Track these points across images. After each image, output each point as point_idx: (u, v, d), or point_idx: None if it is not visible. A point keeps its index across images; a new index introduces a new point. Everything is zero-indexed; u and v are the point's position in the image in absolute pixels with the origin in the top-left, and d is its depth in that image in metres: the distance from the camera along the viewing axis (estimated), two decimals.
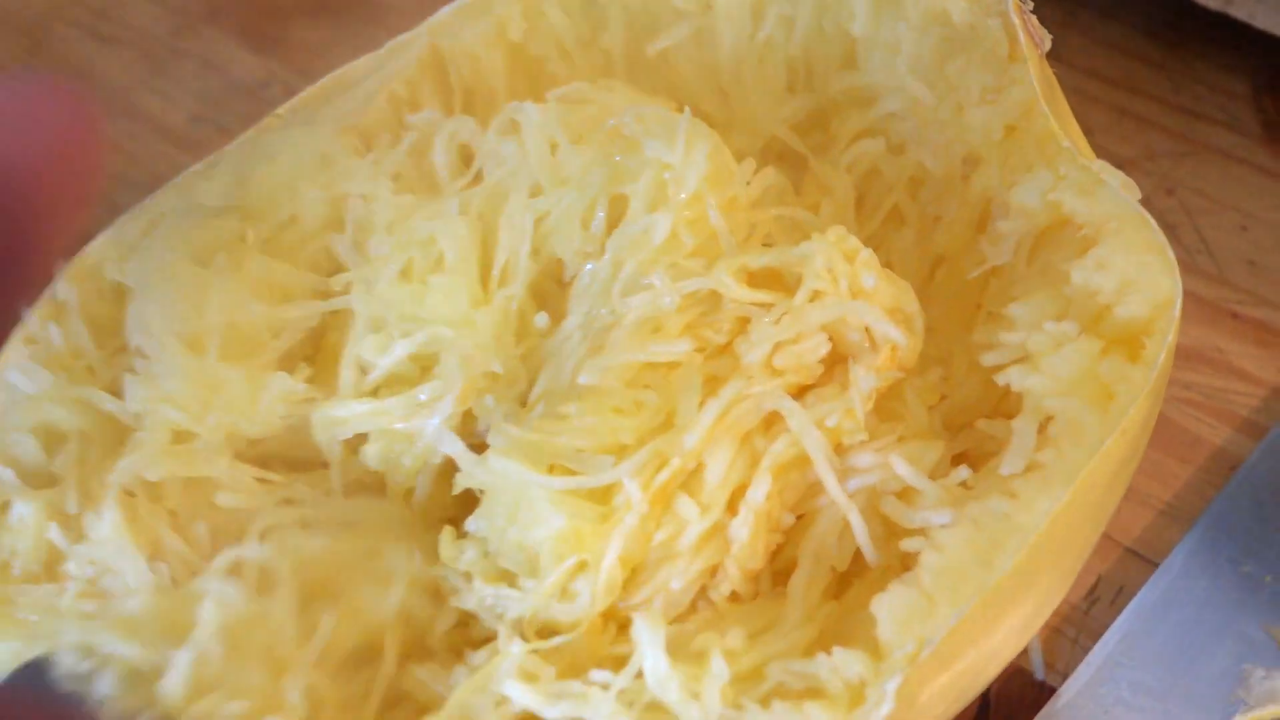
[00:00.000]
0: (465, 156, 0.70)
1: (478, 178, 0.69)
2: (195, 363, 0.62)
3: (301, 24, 1.04)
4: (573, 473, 0.59)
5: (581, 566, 0.58)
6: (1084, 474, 0.54)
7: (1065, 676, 0.67)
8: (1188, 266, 0.81)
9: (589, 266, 0.66)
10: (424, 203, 0.67)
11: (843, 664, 0.53)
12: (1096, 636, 0.68)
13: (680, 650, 0.56)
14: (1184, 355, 0.77)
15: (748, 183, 0.68)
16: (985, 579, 0.53)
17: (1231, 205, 0.84)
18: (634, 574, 0.59)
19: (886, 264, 0.66)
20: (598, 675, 0.56)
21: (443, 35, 0.72)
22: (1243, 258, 0.81)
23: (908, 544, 0.55)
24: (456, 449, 0.60)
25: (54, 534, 0.59)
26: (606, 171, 0.66)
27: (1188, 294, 0.80)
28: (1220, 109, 0.88)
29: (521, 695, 0.55)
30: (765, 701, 0.54)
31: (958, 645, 0.53)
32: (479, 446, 0.61)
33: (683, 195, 0.63)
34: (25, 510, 0.59)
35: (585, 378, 0.61)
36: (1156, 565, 0.70)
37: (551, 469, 0.59)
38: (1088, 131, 0.86)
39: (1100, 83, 0.90)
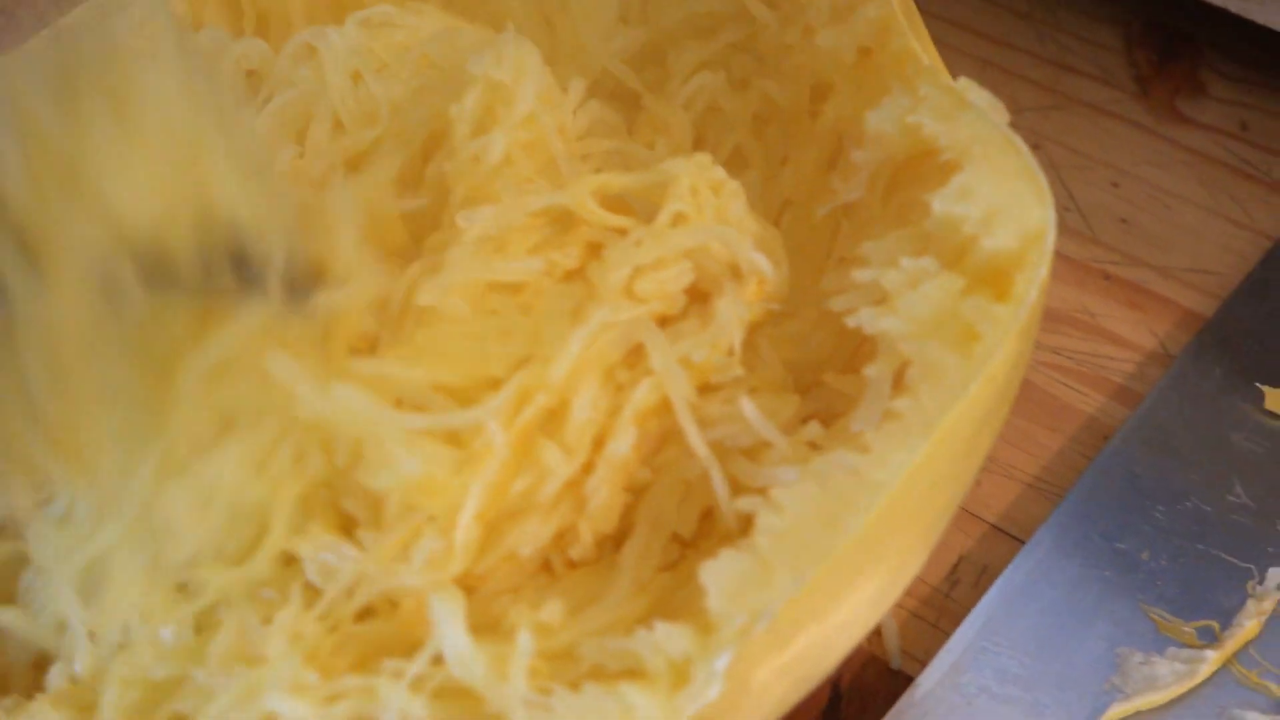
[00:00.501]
0: (254, 85, 0.61)
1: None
2: None
3: None
4: (423, 409, 0.54)
5: (430, 522, 0.50)
6: (945, 423, 0.50)
7: (924, 664, 0.65)
8: (1058, 225, 0.75)
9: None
10: None
11: (665, 640, 0.47)
12: (958, 621, 0.65)
13: (490, 627, 0.48)
14: (1052, 318, 0.72)
15: (574, 112, 0.60)
16: (830, 543, 0.48)
17: (1102, 161, 0.80)
18: (487, 535, 0.54)
19: None
20: (390, 665, 0.48)
21: None
22: (1114, 215, 0.77)
23: (743, 503, 0.47)
24: (285, 371, 0.52)
25: None
26: (423, 109, 0.58)
27: (1056, 254, 0.74)
28: (1090, 61, 0.84)
29: (292, 710, 0.49)
30: (578, 683, 0.46)
31: (798, 619, 0.48)
32: None
33: (517, 115, 0.55)
34: None
35: (425, 297, 0.56)
36: (1023, 544, 0.63)
37: (398, 404, 0.53)
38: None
39: (963, 33, 0.86)
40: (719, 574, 0.48)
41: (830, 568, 0.48)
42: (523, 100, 0.59)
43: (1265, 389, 0.70)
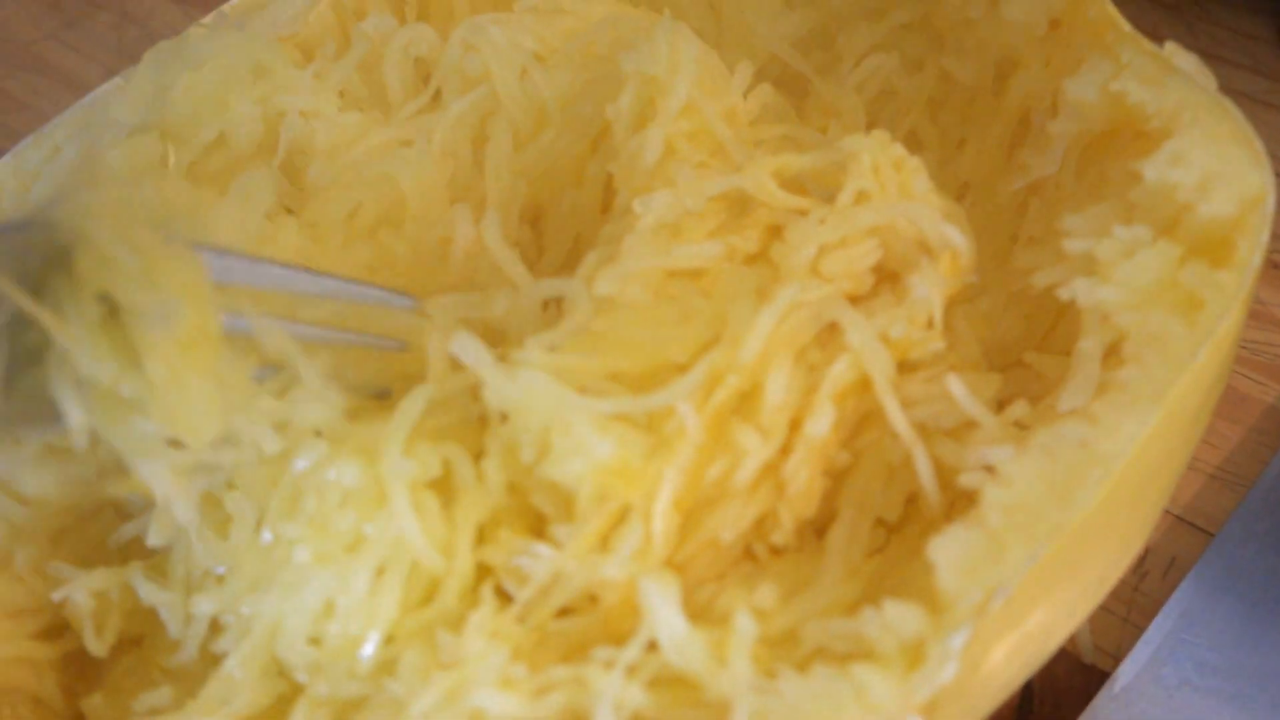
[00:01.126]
0: (422, 72, 0.60)
1: (437, 98, 0.58)
2: None
3: None
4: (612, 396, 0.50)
5: (623, 512, 0.47)
6: (1175, 391, 0.46)
7: (1117, 659, 0.60)
8: None
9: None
10: (373, 124, 0.57)
11: (896, 619, 0.44)
12: (1149, 614, 0.61)
13: (700, 615, 0.46)
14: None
15: (745, 96, 0.58)
16: (1065, 517, 0.45)
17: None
18: (685, 521, 0.51)
19: None
20: (601, 653, 0.45)
21: None
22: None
23: (967, 478, 0.46)
24: (476, 356, 0.50)
25: None
26: (589, 106, 0.56)
27: None
28: (1243, 52, 0.81)
29: (501, 706, 0.46)
30: (804, 666, 0.43)
31: (1033, 596, 0.46)
32: None
33: (674, 106, 0.53)
34: None
35: (603, 286, 0.52)
36: (1210, 535, 0.62)
37: (589, 391, 0.50)
38: None
39: None
40: (949, 550, 0.45)
41: (1065, 542, 0.45)
42: (678, 92, 0.56)
43: None
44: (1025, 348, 0.56)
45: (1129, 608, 0.62)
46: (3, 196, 0.59)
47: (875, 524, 0.52)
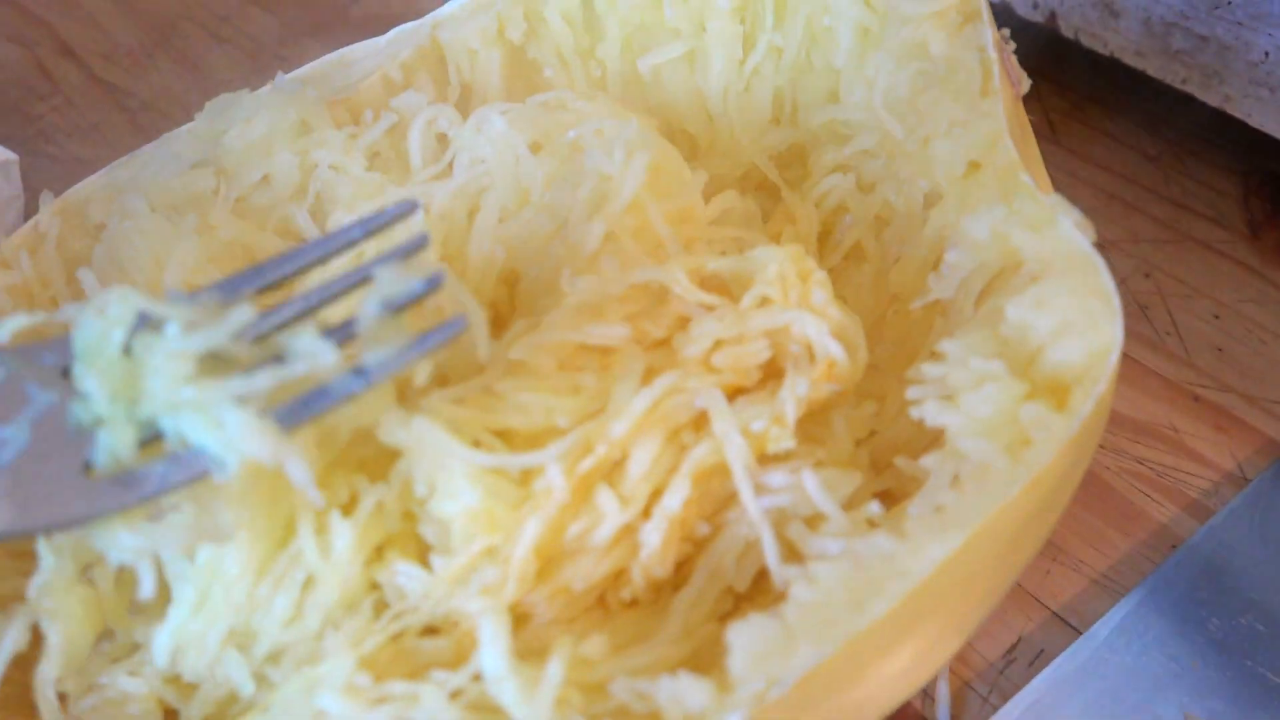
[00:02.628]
0: (443, 145, 0.54)
1: (449, 168, 0.53)
2: None
3: None
4: (497, 450, 0.44)
5: (491, 552, 0.41)
6: (982, 523, 0.38)
7: None
8: (1156, 346, 0.64)
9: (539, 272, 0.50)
10: (389, 184, 0.52)
11: (685, 691, 0.37)
12: (1009, 697, 0.50)
13: (538, 653, 0.40)
14: (1139, 430, 0.60)
15: (706, 200, 0.51)
16: (854, 623, 0.37)
17: (1207, 293, 0.67)
18: (543, 568, 0.44)
19: (842, 298, 0.49)
20: (438, 675, 0.39)
21: (445, 28, 0.58)
22: (1211, 344, 0.64)
23: (783, 572, 0.38)
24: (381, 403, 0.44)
25: None
26: (563, 193, 0.50)
27: (1152, 373, 0.63)
28: (1208, 204, 0.71)
29: (340, 709, 0.39)
30: (597, 717, 0.36)
31: (813, 691, 0.38)
32: None
33: (618, 204, 0.47)
34: None
35: (517, 352, 0.47)
36: (1081, 634, 0.52)
37: (477, 444, 0.44)
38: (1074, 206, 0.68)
39: (1094, 168, 0.74)
40: (745, 636, 0.38)
41: (851, 647, 0.37)
42: (623, 192, 0.50)
43: None
44: (911, 450, 0.48)
45: (991, 689, 0.54)
46: (90, 206, 0.55)
47: (725, 592, 0.45)
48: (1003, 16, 0.76)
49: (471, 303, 0.46)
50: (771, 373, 0.47)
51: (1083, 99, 0.80)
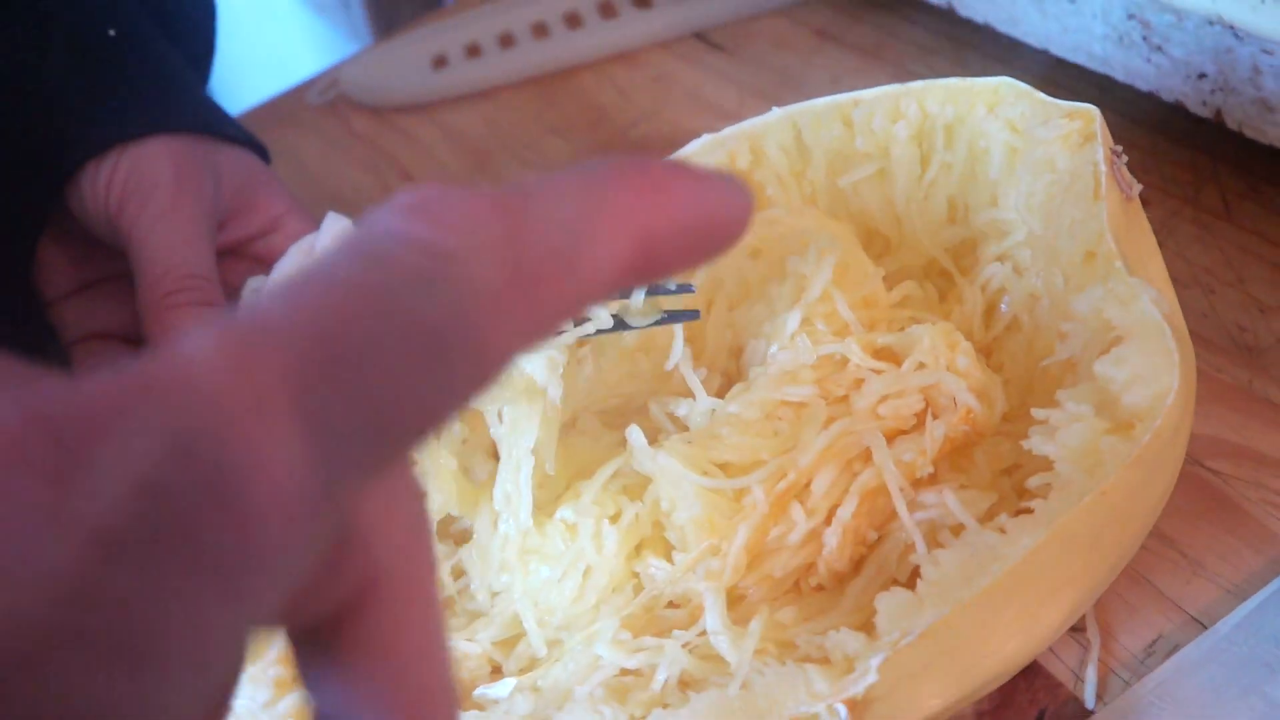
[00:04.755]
0: None
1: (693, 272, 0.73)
2: None
3: None
4: (717, 476, 0.63)
5: (714, 549, 0.60)
6: (1060, 522, 0.54)
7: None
8: (1253, 360, 0.77)
9: (758, 345, 0.69)
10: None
11: (845, 640, 0.55)
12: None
13: (744, 620, 0.58)
14: (1271, 465, 0.72)
15: (889, 289, 0.69)
16: (964, 592, 0.53)
17: None
18: (752, 561, 0.61)
19: (999, 364, 0.66)
20: (677, 634, 0.58)
21: (691, 158, 0.77)
22: None
23: (916, 558, 0.55)
24: (639, 442, 0.64)
25: None
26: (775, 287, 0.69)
27: (1254, 394, 0.76)
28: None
29: (610, 655, 0.58)
30: (785, 661, 0.55)
31: (935, 642, 0.54)
32: None
33: (811, 296, 0.65)
34: None
35: (734, 407, 0.65)
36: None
37: (704, 473, 0.62)
38: (1241, 280, 0.82)
39: (1268, 244, 0.86)
40: (887, 602, 0.56)
41: (960, 610, 0.54)
42: (816, 286, 0.67)
43: None
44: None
45: (1133, 675, 0.68)
46: None
47: (889, 581, 0.62)
48: (1177, 113, 0.90)
49: (694, 379, 0.66)
50: (924, 420, 0.64)
51: (1259, 180, 0.93)
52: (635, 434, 0.63)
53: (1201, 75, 0.88)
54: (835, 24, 1.23)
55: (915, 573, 0.62)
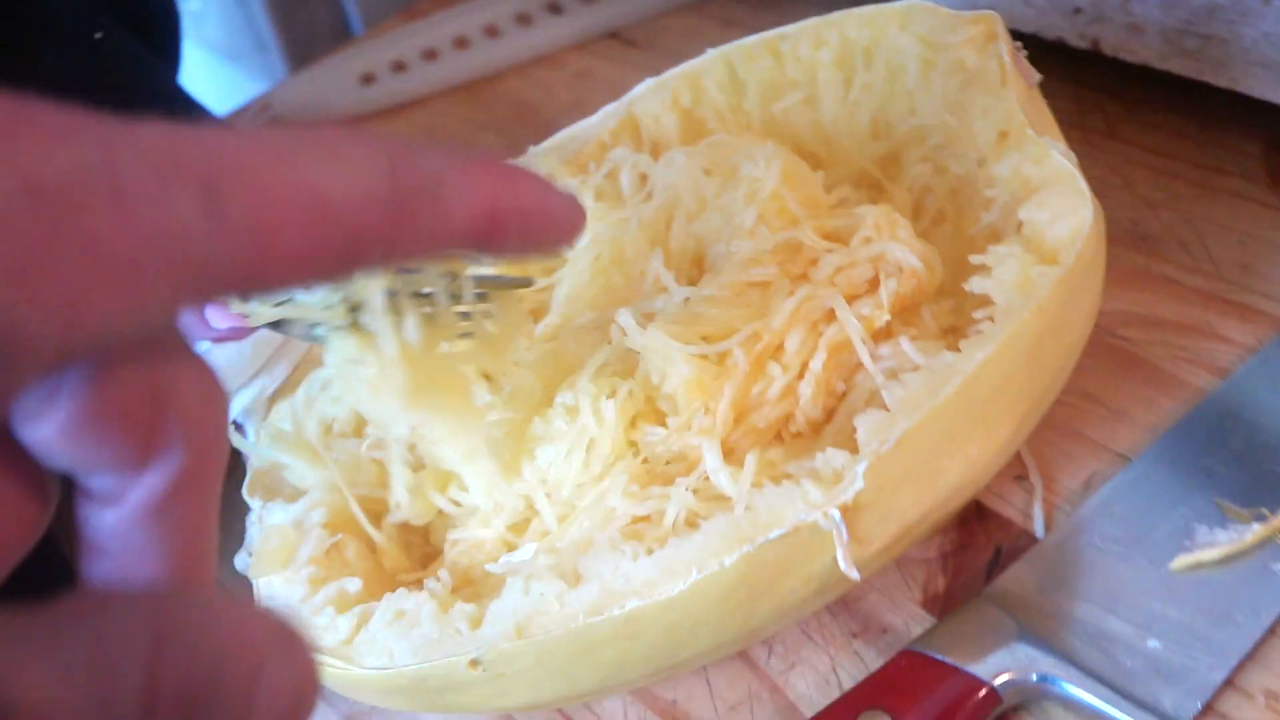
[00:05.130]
0: (643, 180, 0.82)
1: (649, 194, 0.81)
2: None
3: None
4: (700, 345, 0.72)
5: (704, 408, 0.68)
6: (1006, 335, 0.63)
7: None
8: (1193, 270, 0.88)
9: (719, 248, 0.77)
10: (610, 209, 0.80)
11: (831, 457, 0.62)
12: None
13: (736, 464, 0.66)
14: (1179, 328, 0.84)
15: (828, 191, 0.78)
16: (930, 402, 0.62)
17: (1236, 229, 0.91)
18: (737, 418, 0.70)
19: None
20: (680, 480, 0.66)
21: (636, 103, 0.86)
22: (1238, 262, 0.88)
23: (880, 383, 0.64)
24: (629, 323, 0.72)
25: None
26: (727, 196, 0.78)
27: (1189, 289, 0.86)
28: (1235, 165, 0.95)
29: (621, 505, 0.66)
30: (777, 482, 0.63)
31: (909, 449, 0.62)
32: None
33: (763, 194, 0.74)
34: None
35: (708, 290, 0.73)
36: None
37: (689, 344, 0.71)
38: (1129, 184, 0.93)
39: (1145, 152, 1.00)
40: (865, 421, 0.64)
41: (929, 418, 0.62)
42: (767, 186, 0.76)
43: None
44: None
45: (1073, 507, 0.77)
46: None
47: None
48: (1058, 52, 1.01)
49: (668, 277, 0.74)
50: (875, 286, 0.73)
51: (1136, 102, 1.04)
52: (625, 316, 0.71)
53: (1077, 10, 0.99)
54: (740, 14, 1.34)
55: None
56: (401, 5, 1.58)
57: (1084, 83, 1.07)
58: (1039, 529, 0.77)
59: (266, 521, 0.73)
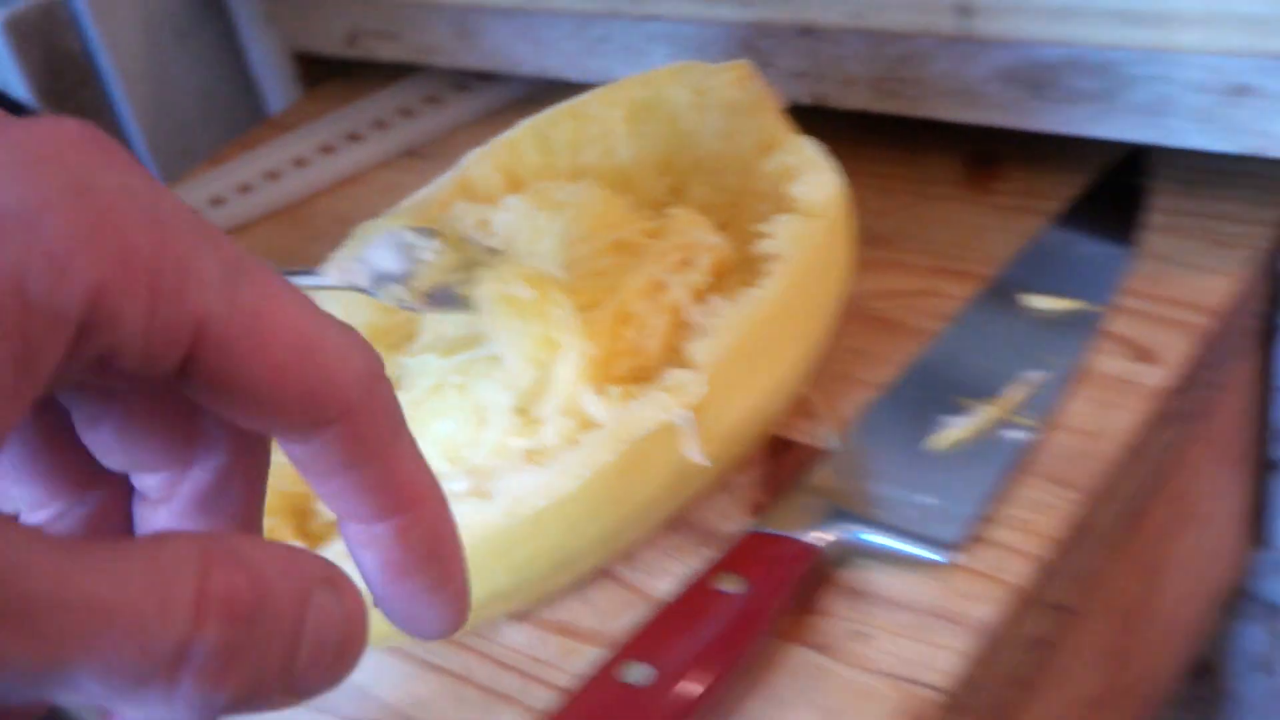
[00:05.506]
0: (484, 225, 1.02)
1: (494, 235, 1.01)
2: None
3: None
4: None
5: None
6: (794, 265, 0.86)
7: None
8: (919, 253, 1.12)
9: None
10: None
11: (678, 375, 0.83)
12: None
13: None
14: (914, 294, 1.07)
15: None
16: (748, 319, 0.83)
17: (948, 221, 1.15)
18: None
19: None
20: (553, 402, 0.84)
21: (469, 169, 1.06)
22: (953, 243, 1.12)
23: (703, 322, 0.85)
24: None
25: None
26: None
27: (919, 266, 1.10)
28: (942, 175, 1.20)
29: (515, 443, 0.84)
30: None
31: (737, 358, 0.83)
32: None
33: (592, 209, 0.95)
34: None
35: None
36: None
37: None
38: (862, 201, 1.17)
39: (873, 178, 1.22)
40: (697, 348, 0.85)
41: (747, 334, 0.85)
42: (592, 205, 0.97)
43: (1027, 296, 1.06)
44: None
45: (846, 427, 0.99)
46: None
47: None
48: (792, 110, 1.27)
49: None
50: (689, 265, 0.94)
51: (858, 144, 1.30)
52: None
53: (803, 74, 1.25)
54: (516, 119, 1.57)
55: None
56: (200, 157, 1.75)
57: (815, 134, 1.33)
58: (832, 444, 0.98)
59: None
